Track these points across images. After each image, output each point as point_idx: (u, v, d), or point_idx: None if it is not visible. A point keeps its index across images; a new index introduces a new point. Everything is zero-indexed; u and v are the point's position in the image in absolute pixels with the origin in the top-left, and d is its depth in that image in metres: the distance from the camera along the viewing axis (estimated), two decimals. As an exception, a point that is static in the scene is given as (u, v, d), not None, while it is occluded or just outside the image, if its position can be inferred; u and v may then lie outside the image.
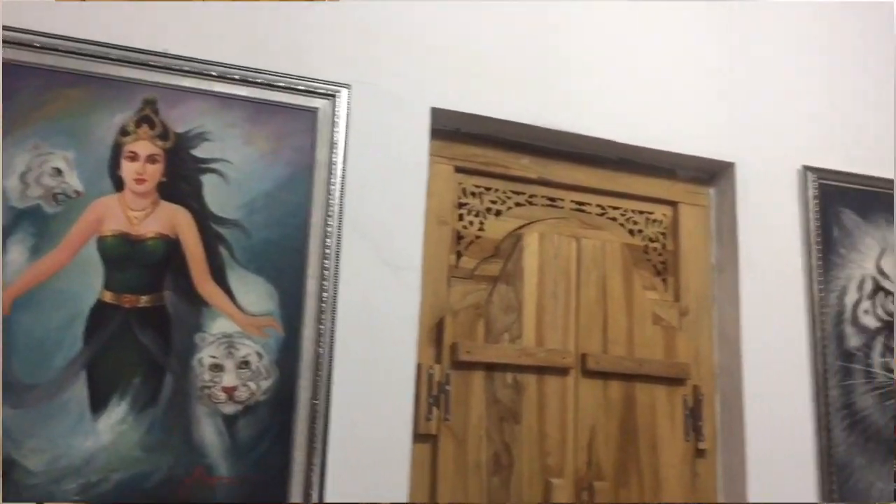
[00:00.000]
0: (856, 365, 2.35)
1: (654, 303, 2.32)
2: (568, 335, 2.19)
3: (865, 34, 2.64)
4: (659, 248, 2.39)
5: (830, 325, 2.35)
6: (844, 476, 2.27)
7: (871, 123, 2.56)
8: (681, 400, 2.26)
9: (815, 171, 2.42)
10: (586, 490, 2.10)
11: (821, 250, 2.38)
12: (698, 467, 2.24)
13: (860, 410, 2.33)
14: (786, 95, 2.47)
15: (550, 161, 2.30)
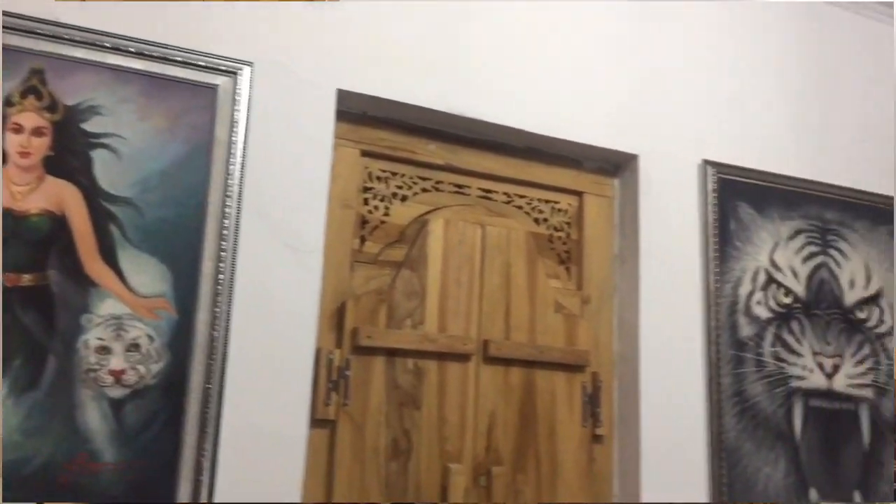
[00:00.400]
0: (747, 354, 2.43)
1: (556, 291, 2.34)
2: (470, 322, 2.19)
3: (767, 31, 2.72)
4: (563, 237, 2.41)
5: (725, 315, 2.42)
6: (734, 461, 2.35)
7: (770, 120, 2.64)
8: (580, 386, 2.30)
9: (714, 166, 2.49)
10: (484, 475, 2.12)
11: (718, 242, 2.45)
12: (595, 452, 2.29)
13: (750, 398, 2.41)
14: (688, 91, 2.53)
15: (458, 148, 2.30)
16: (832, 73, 2.81)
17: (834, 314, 2.58)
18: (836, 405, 2.53)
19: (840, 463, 2.50)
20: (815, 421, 2.48)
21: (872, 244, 2.70)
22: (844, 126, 2.78)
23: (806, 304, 2.54)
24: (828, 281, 2.60)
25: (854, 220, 2.69)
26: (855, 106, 2.82)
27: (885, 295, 2.68)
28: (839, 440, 2.52)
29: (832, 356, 2.55)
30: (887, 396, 2.62)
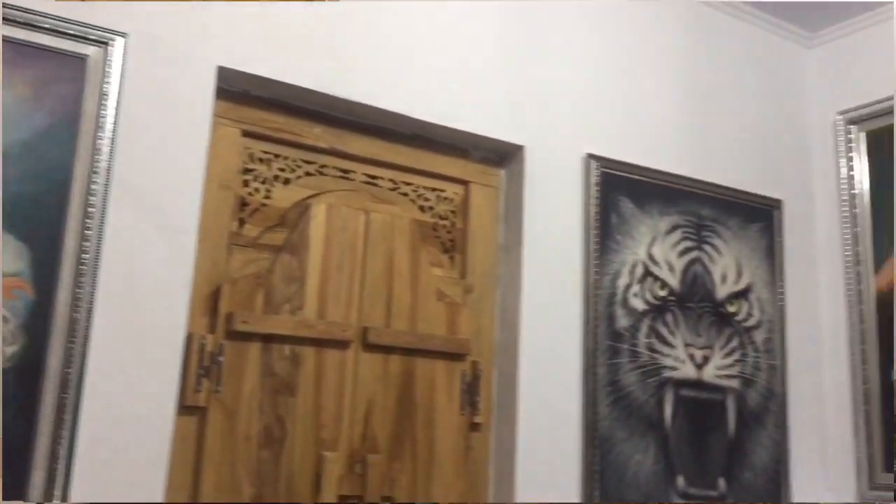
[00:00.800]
0: (623, 344, 2.50)
1: (439, 279, 2.35)
2: (351, 308, 2.17)
3: (654, 31, 2.79)
4: (448, 225, 2.42)
5: (603, 306, 2.48)
6: (606, 448, 2.41)
7: (653, 118, 2.72)
8: (459, 375, 2.31)
9: (597, 160, 2.54)
10: (359, 463, 2.11)
11: (599, 235, 2.50)
12: (472, 441, 2.31)
13: (624, 387, 2.48)
14: (575, 86, 2.57)
15: (344, 132, 2.26)
16: (714, 75, 2.91)
17: (706, 307, 2.68)
18: (705, 395, 2.63)
19: (706, 451, 2.61)
20: (684, 410, 2.58)
21: (744, 241, 2.82)
22: (723, 126, 2.89)
23: (680, 298, 2.63)
24: (701, 275, 2.69)
25: (728, 217, 2.80)
26: (734, 107, 2.93)
27: (754, 290, 2.80)
28: (707, 429, 2.62)
29: (703, 348, 2.65)
30: (753, 387, 2.74)
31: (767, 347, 2.81)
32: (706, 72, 2.89)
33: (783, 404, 2.80)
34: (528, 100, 2.48)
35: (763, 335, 2.80)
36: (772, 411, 2.77)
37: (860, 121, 2.95)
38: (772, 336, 2.82)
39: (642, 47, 2.76)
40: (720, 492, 2.60)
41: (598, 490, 2.36)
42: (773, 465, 2.74)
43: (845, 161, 2.98)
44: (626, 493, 2.42)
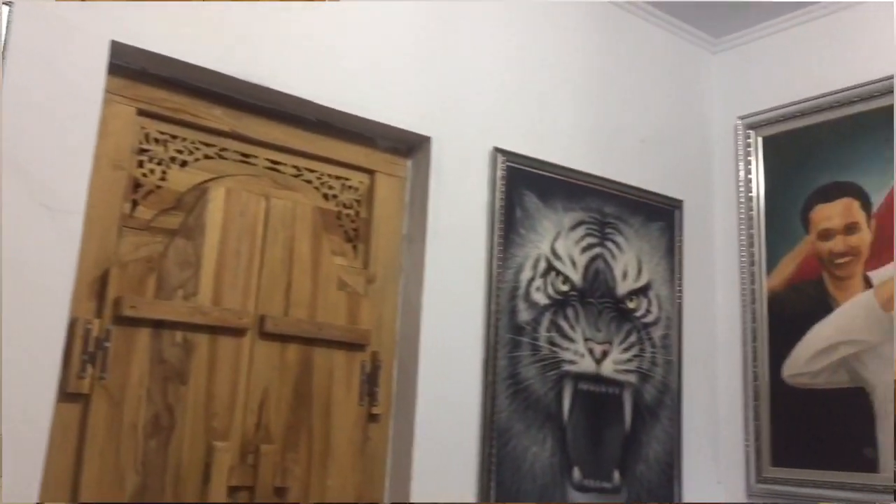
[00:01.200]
0: (524, 338, 2.52)
1: (341, 268, 2.32)
2: (248, 296, 2.12)
3: (564, 29, 2.82)
4: (352, 214, 2.39)
5: (505, 299, 2.50)
6: (504, 440, 2.43)
7: (560, 114, 2.75)
8: (359, 365, 2.29)
9: (504, 154, 2.55)
10: (252, 453, 2.07)
11: (503, 229, 2.52)
12: (370, 431, 2.29)
13: (524, 380, 2.50)
14: (484, 79, 2.58)
15: (246, 115, 2.21)
16: (622, 76, 2.96)
17: (606, 303, 2.73)
18: (603, 389, 2.68)
19: (603, 443, 2.66)
20: (582, 403, 2.62)
21: (645, 239, 2.88)
22: (628, 126, 2.94)
23: (581, 293, 2.67)
24: (603, 271, 2.74)
25: (631, 215, 2.85)
26: (640, 108, 2.99)
27: (653, 287, 2.87)
28: (603, 422, 2.67)
29: (602, 343, 2.69)
30: (649, 382, 2.80)
31: (665, 343, 2.88)
32: (614, 71, 2.94)
33: (678, 399, 2.88)
34: (437, 91, 2.47)
35: (661, 331, 2.87)
36: (667, 405, 2.85)
37: (758, 126, 3.06)
38: (669, 332, 2.90)
39: (552, 45, 2.79)
40: (614, 484, 2.66)
41: (494, 482, 2.38)
42: (666, 458, 2.81)
43: (743, 164, 3.08)
44: (523, 485, 2.44)
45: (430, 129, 2.44)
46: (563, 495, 2.53)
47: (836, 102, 2.84)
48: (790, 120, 2.97)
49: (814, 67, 2.94)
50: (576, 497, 2.56)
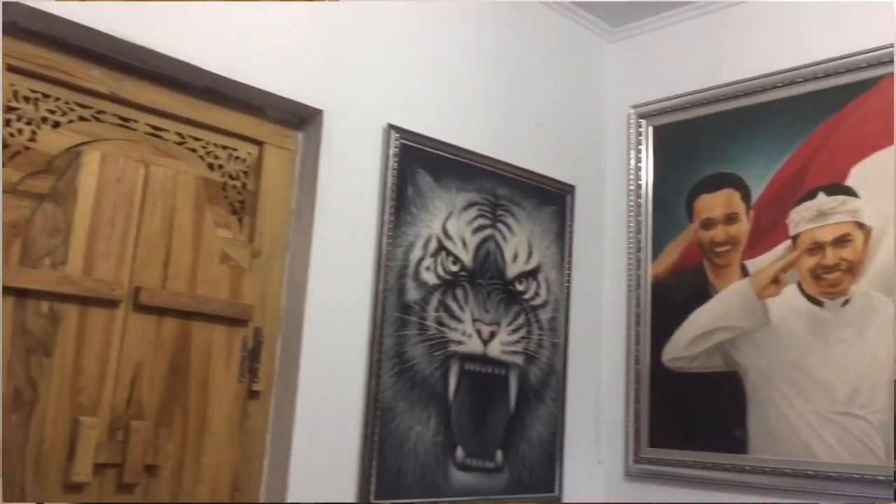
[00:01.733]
0: (412, 317, 2.51)
1: (225, 241, 2.25)
2: (123, 266, 2.04)
3: (463, 9, 2.80)
4: (239, 186, 2.32)
5: (394, 278, 2.48)
6: (388, 419, 2.42)
7: (457, 94, 2.74)
8: (240, 341, 2.23)
9: (398, 131, 2.53)
10: (122, 430, 1.99)
11: (394, 207, 2.49)
12: (250, 409, 2.24)
13: (410, 360, 2.50)
14: (380, 55, 2.54)
15: (127, 77, 2.11)
16: (520, 59, 2.97)
17: (496, 284, 2.74)
18: (490, 370, 2.70)
19: (487, 423, 2.68)
20: (468, 384, 2.63)
21: (537, 222, 2.91)
22: (525, 110, 2.96)
23: (471, 274, 2.68)
24: (493, 253, 2.75)
25: (523, 198, 2.88)
26: (537, 92, 3.01)
27: (543, 270, 2.91)
28: (488, 402, 2.70)
29: (490, 324, 2.71)
30: (535, 364, 2.84)
31: (552, 326, 2.92)
32: (513, 55, 2.95)
33: (563, 381, 2.94)
34: (332, 64, 2.42)
35: (549, 314, 2.91)
36: (552, 387, 2.89)
37: (649, 115, 3.13)
38: (557, 315, 2.94)
39: (452, 25, 2.77)
40: (497, 463, 2.69)
41: (376, 460, 2.37)
42: (548, 439, 2.86)
43: (634, 153, 3.14)
44: (405, 463, 2.44)
45: (322, 102, 2.39)
46: (445, 474, 2.54)
47: (722, 96, 2.93)
48: (679, 111, 3.05)
49: (703, 60, 3.02)
50: (458, 476, 2.57)
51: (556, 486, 2.86)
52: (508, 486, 2.72)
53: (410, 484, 2.45)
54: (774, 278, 2.71)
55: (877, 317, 2.48)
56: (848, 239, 2.57)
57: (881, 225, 2.51)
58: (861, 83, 2.62)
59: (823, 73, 2.69)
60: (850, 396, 2.50)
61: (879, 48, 2.58)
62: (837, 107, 2.66)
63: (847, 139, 2.62)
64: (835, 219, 2.61)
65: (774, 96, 2.82)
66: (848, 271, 2.56)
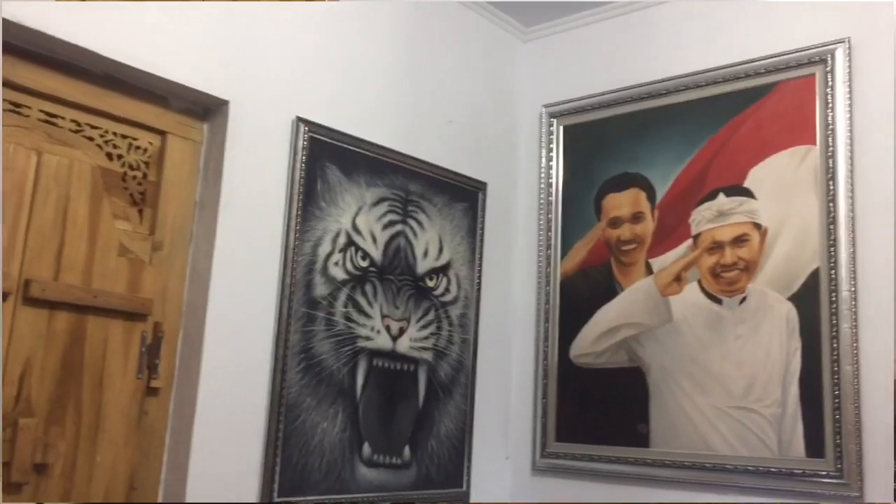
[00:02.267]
0: (319, 312, 2.49)
1: (124, 233, 2.18)
2: (12, 258, 1.95)
3: (380, 6, 2.79)
4: (139, 177, 2.25)
5: (301, 273, 2.45)
6: (293, 416, 2.39)
7: (368, 89, 2.72)
8: (139, 336, 2.17)
9: (307, 124, 2.50)
10: (10, 427, 1.91)
11: (302, 201, 2.46)
12: (148, 405, 2.18)
13: (317, 355, 2.47)
14: (290, 46, 2.50)
15: (19, 61, 2.02)
16: (435, 56, 2.98)
17: (406, 280, 2.74)
18: (398, 366, 2.70)
19: (395, 419, 2.68)
20: (376, 380, 2.62)
21: (448, 219, 2.92)
22: (438, 106, 2.97)
23: (381, 269, 2.67)
24: (403, 249, 2.75)
25: (434, 194, 2.88)
26: (450, 89, 3.02)
27: (453, 266, 2.92)
28: (397, 399, 2.69)
29: (399, 320, 2.71)
30: (445, 360, 2.85)
31: (462, 322, 2.94)
32: (426, 50, 2.95)
33: (472, 377, 2.95)
34: (239, 55, 2.37)
35: (459, 310, 2.93)
36: (461, 383, 2.91)
37: (560, 115, 3.17)
38: (467, 311, 2.96)
39: (364, 20, 2.75)
40: (404, 459, 2.69)
41: (280, 457, 2.33)
42: (457, 434, 2.87)
43: (545, 152, 3.19)
44: (310, 460, 2.41)
45: (228, 92, 2.34)
46: (351, 470, 2.52)
47: (630, 97, 3.00)
48: (590, 111, 3.10)
49: (613, 62, 3.08)
50: (365, 472, 2.56)
51: (464, 481, 2.88)
52: (416, 482, 2.72)
53: (315, 481, 2.43)
54: (677, 276, 2.79)
55: (771, 314, 2.57)
56: (745, 239, 2.66)
57: (776, 225, 2.61)
58: (759, 88, 2.72)
59: (723, 78, 2.78)
60: (746, 391, 2.58)
61: (777, 55, 2.68)
62: (737, 110, 2.75)
63: (745, 142, 2.71)
64: (733, 219, 2.69)
65: (679, 99, 2.89)
66: (745, 270, 2.65)
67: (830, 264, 2.48)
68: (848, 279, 2.45)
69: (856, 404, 2.38)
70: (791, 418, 2.50)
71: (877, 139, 2.47)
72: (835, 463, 2.40)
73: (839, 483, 2.38)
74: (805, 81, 2.62)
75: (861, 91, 2.52)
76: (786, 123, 2.65)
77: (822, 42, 2.59)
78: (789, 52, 2.66)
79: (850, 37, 2.55)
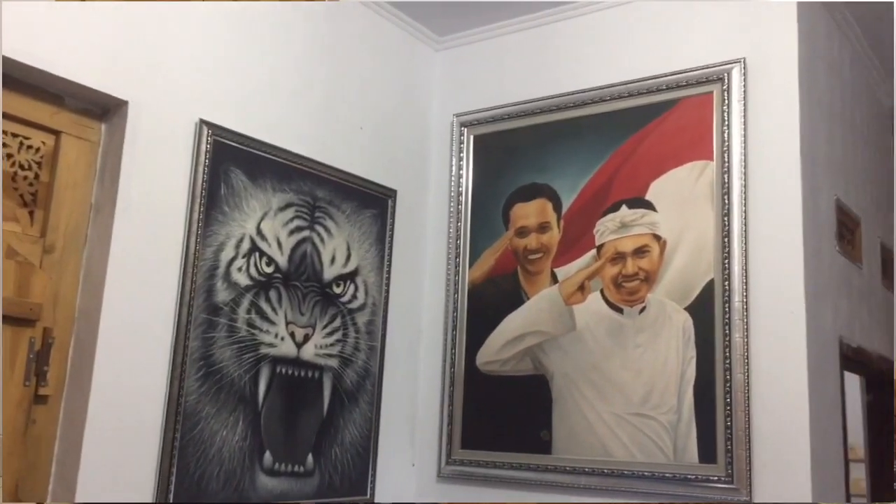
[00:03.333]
0: (221, 319, 2.45)
1: (12, 236, 2.11)
2: None
3: (292, 10, 2.76)
4: (31, 177, 2.18)
5: (202, 278, 2.41)
6: (191, 424, 2.34)
7: (276, 93, 2.70)
8: (27, 342, 2.09)
9: (211, 127, 2.45)
10: None
11: (205, 205, 2.42)
12: (36, 414, 2.10)
13: (217, 362, 2.43)
14: (194, 47, 2.46)
15: None
16: (347, 63, 2.97)
17: (312, 287, 2.72)
18: (303, 373, 2.67)
19: (299, 427, 2.65)
20: (279, 387, 2.59)
21: (356, 225, 2.91)
22: (349, 113, 2.96)
23: (286, 275, 2.64)
24: (310, 255, 2.73)
25: (343, 201, 2.87)
26: (362, 96, 3.02)
27: (361, 273, 2.91)
28: (301, 406, 2.67)
29: (305, 326, 2.68)
30: (351, 367, 2.84)
31: (369, 329, 2.93)
32: (338, 56, 2.94)
33: (378, 384, 2.95)
34: (140, 55, 2.31)
35: (366, 317, 2.92)
36: (367, 390, 2.90)
37: (471, 124, 3.20)
38: (374, 318, 2.95)
39: (278, 23, 2.72)
40: (307, 468, 2.66)
41: (176, 467, 2.28)
42: (362, 442, 2.86)
43: (456, 161, 3.21)
44: (208, 469, 2.37)
45: (128, 92, 2.28)
46: (252, 479, 2.49)
47: (538, 109, 3.04)
48: (500, 121, 3.14)
49: (524, 73, 3.13)
50: (265, 481, 2.53)
51: (369, 488, 2.87)
52: (319, 490, 2.70)
53: (213, 490, 2.38)
54: (581, 286, 2.84)
55: (668, 323, 2.65)
56: (646, 250, 2.73)
57: (675, 238, 2.68)
58: (662, 104, 2.79)
59: (628, 93, 2.85)
60: (644, 398, 2.65)
61: (678, 72, 2.76)
62: (641, 125, 2.82)
63: (648, 156, 2.79)
64: (635, 230, 2.76)
65: (587, 112, 2.95)
66: (645, 280, 2.72)
67: (724, 276, 2.57)
68: (740, 290, 2.54)
69: (746, 411, 2.47)
70: (686, 425, 2.57)
71: (769, 156, 2.57)
72: (726, 468, 2.48)
73: (729, 488, 2.46)
74: (704, 99, 2.71)
75: (755, 109, 2.62)
76: (686, 139, 2.73)
77: (721, 61, 2.69)
78: (690, 70, 2.74)
79: (746, 57, 2.65)
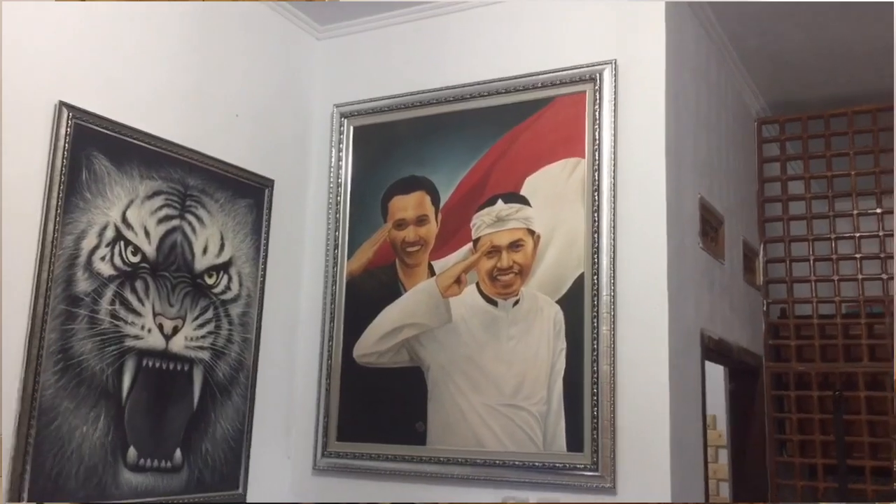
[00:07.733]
0: (81, 310, 2.35)
1: None
2: None
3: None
4: None
5: (61, 268, 2.30)
6: (48, 420, 2.25)
7: (145, 78, 2.60)
8: None
9: (72, 109, 2.35)
10: None
11: (64, 191, 2.32)
12: None
13: (77, 355, 2.33)
14: (56, 28, 2.34)
15: None
16: (224, 49, 2.89)
17: (182, 278, 2.65)
18: (171, 366, 2.60)
19: (167, 422, 2.58)
20: (146, 381, 2.52)
21: (230, 215, 2.85)
22: (225, 100, 2.88)
23: (154, 265, 2.56)
24: (180, 244, 2.65)
25: (217, 190, 2.80)
26: (239, 83, 2.95)
27: (235, 264, 2.85)
28: (169, 400, 2.59)
29: (174, 318, 2.61)
30: (223, 359, 2.78)
31: (243, 321, 2.87)
32: (214, 41, 2.86)
33: (253, 376, 2.90)
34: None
35: (240, 309, 2.86)
36: (240, 383, 2.84)
37: (351, 115, 3.18)
38: (249, 310, 2.90)
39: (148, 4, 2.62)
40: (175, 463, 2.59)
41: (31, 464, 2.18)
42: (235, 435, 2.81)
43: (335, 152, 3.18)
44: (66, 466, 2.28)
45: (-20, 71, 2.16)
46: (114, 476, 2.41)
47: (419, 102, 3.05)
48: (380, 113, 3.12)
49: (405, 66, 3.12)
50: (129, 477, 2.45)
51: (241, 483, 2.82)
52: (187, 485, 2.63)
53: (72, 487, 2.29)
54: (457, 278, 2.87)
55: (540, 316, 2.71)
56: (520, 244, 2.79)
57: (548, 232, 2.75)
58: (538, 101, 2.85)
59: (505, 90, 2.90)
60: (516, 389, 2.70)
61: (554, 71, 2.82)
62: (518, 121, 2.87)
63: (524, 151, 2.84)
64: (510, 225, 2.81)
65: (466, 106, 2.98)
66: (519, 274, 2.77)
67: (594, 270, 2.64)
68: (608, 284, 2.62)
69: (612, 401, 2.56)
70: (555, 415, 2.64)
71: (637, 155, 2.66)
72: (591, 456, 2.56)
73: (595, 475, 2.54)
74: (577, 97, 2.78)
75: (625, 110, 2.70)
76: (560, 136, 2.79)
77: (593, 62, 2.76)
78: (565, 70, 2.81)
79: (617, 59, 2.73)
